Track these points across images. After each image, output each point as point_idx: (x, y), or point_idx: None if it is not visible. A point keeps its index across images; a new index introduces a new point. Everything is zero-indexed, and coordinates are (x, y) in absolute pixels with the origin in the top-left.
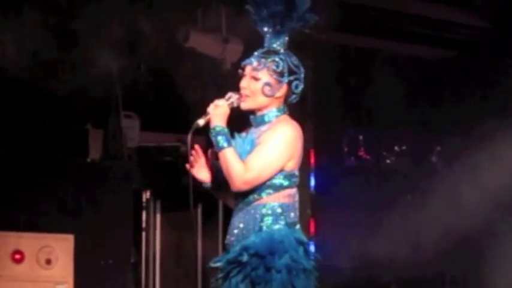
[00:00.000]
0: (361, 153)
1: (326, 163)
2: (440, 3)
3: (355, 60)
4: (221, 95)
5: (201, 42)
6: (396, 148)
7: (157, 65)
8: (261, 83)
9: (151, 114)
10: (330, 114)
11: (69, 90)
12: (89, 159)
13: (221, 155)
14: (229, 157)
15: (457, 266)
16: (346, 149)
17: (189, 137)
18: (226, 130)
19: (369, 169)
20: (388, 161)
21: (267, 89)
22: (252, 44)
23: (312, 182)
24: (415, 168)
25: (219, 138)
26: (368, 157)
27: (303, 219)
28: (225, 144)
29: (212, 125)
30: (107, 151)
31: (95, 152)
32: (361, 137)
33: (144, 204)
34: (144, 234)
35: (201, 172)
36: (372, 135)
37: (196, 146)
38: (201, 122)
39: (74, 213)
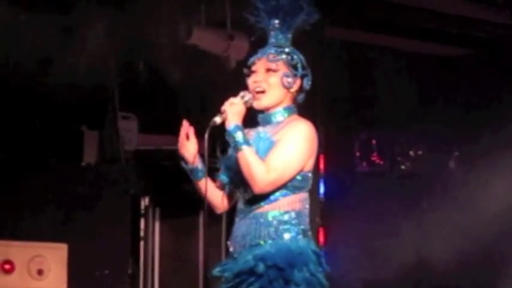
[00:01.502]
0: (374, 158)
1: (336, 169)
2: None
3: (367, 60)
4: (226, 94)
5: (204, 38)
6: (411, 153)
7: (157, 63)
8: (279, 74)
9: (150, 115)
10: (341, 116)
11: (62, 89)
12: (83, 163)
13: (241, 155)
14: (250, 158)
15: (476, 278)
16: (358, 154)
17: (206, 136)
18: (243, 129)
19: (383, 175)
20: (402, 166)
21: (286, 80)
22: (259, 41)
23: (322, 189)
24: (431, 174)
25: (237, 137)
26: (381, 162)
27: (312, 228)
28: (244, 145)
29: (228, 124)
30: (103, 154)
31: (90, 156)
32: (374, 141)
33: (142, 211)
34: (142, 243)
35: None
36: (385, 139)
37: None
38: (217, 120)
39: (68, 220)
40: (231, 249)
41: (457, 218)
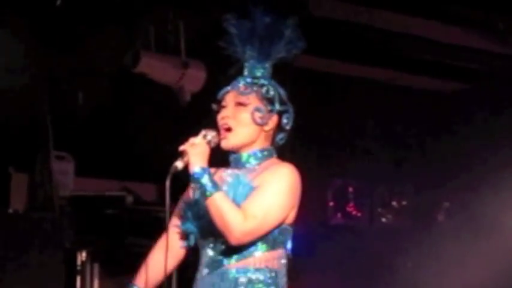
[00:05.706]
0: (350, 208)
1: (306, 221)
2: (453, 25)
3: (345, 93)
4: (178, 132)
5: (153, 66)
6: (394, 203)
7: (98, 95)
8: (250, 109)
9: (89, 156)
10: (311, 159)
11: None
12: (10, 210)
13: (211, 203)
14: (222, 204)
15: None
16: (331, 204)
17: (168, 183)
18: (210, 172)
19: (360, 229)
20: (383, 219)
21: (257, 115)
22: (218, 70)
23: (289, 245)
24: (417, 229)
25: (204, 182)
26: (359, 214)
27: None
28: (213, 189)
29: (192, 168)
30: (33, 201)
31: (18, 202)
32: (350, 189)
33: (78, 267)
34: None
35: None
36: (363, 186)
37: None
38: (179, 164)
39: None
40: None
41: (447, 280)
